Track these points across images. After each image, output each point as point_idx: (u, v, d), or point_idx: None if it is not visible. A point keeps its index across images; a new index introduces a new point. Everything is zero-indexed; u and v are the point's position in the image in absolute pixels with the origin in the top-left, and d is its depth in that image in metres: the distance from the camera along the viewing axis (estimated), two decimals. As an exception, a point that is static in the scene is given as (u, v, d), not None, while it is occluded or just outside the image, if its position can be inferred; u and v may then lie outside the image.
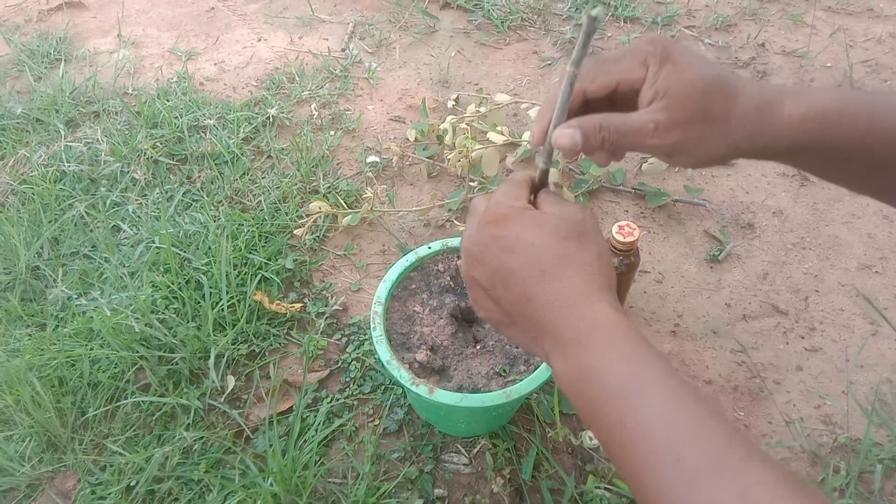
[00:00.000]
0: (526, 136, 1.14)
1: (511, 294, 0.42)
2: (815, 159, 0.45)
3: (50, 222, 1.09)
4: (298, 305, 0.96)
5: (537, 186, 0.47)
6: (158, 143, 1.23)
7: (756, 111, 0.42)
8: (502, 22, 1.56)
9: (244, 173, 1.19)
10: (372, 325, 0.69)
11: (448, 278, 0.75)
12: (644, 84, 0.43)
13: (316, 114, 1.33)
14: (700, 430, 0.34)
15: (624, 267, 0.83)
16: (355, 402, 0.86)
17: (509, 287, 0.42)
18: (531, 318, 0.41)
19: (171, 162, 1.21)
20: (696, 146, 0.43)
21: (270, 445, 0.75)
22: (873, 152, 0.43)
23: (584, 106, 0.45)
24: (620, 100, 0.45)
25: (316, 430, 0.81)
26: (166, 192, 1.15)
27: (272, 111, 1.30)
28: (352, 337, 0.93)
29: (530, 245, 0.41)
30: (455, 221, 1.08)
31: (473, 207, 0.46)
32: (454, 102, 1.31)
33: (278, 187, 1.14)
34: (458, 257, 0.67)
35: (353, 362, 0.90)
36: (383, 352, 0.66)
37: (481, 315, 0.46)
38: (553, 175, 1.05)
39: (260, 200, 1.12)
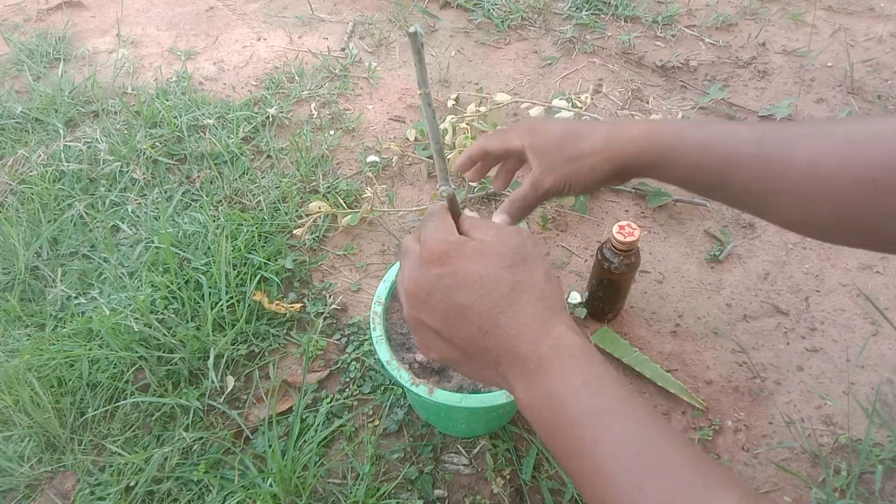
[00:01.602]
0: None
1: (466, 331, 0.41)
2: (672, 173, 0.54)
3: (49, 222, 1.09)
4: (298, 305, 0.96)
5: (455, 213, 0.46)
6: (158, 143, 1.23)
7: (605, 140, 0.56)
8: (502, 21, 1.55)
9: (244, 173, 1.18)
10: (372, 326, 0.69)
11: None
12: (524, 152, 0.59)
13: (315, 113, 1.33)
14: (662, 458, 0.34)
15: (624, 267, 0.82)
16: (355, 403, 0.86)
17: (463, 324, 0.41)
18: (490, 351, 0.41)
19: (171, 161, 1.21)
20: (573, 179, 0.57)
21: (270, 446, 0.74)
22: (709, 173, 0.52)
23: (494, 158, 0.63)
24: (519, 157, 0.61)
25: (315, 431, 0.80)
26: (165, 192, 1.15)
27: (272, 111, 1.30)
28: (351, 337, 0.93)
29: (479, 278, 0.40)
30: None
31: (405, 249, 0.45)
32: (454, 102, 1.31)
33: (278, 187, 1.14)
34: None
35: (353, 362, 0.90)
36: (383, 352, 0.66)
37: (432, 357, 0.44)
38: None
39: (259, 200, 1.12)
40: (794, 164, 0.47)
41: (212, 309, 0.90)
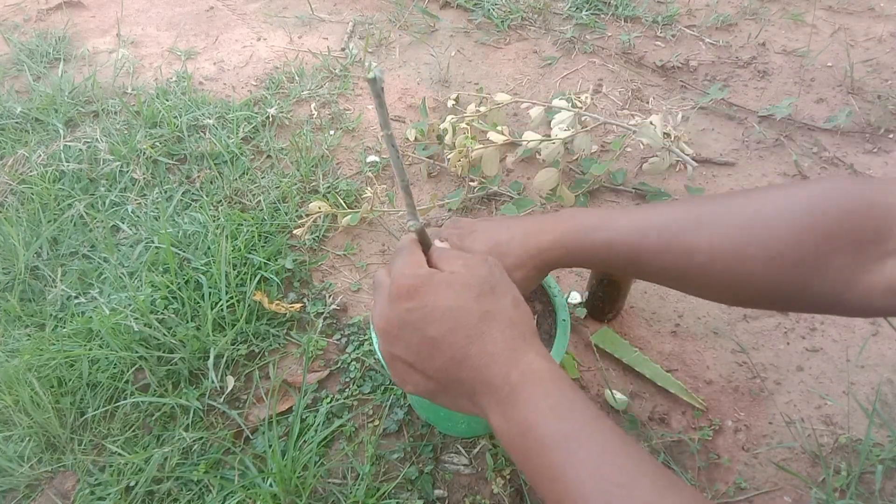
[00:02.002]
0: (526, 136, 1.13)
1: (438, 363, 0.42)
2: (592, 267, 0.60)
3: (49, 222, 1.09)
4: (298, 305, 0.96)
5: (425, 246, 0.46)
6: (157, 143, 1.23)
7: (523, 253, 0.56)
8: (502, 21, 1.55)
9: (243, 173, 1.18)
10: (371, 327, 0.69)
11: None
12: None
13: (315, 113, 1.33)
14: (628, 479, 0.35)
15: (624, 267, 0.82)
16: (355, 403, 0.86)
17: (435, 356, 0.42)
18: (464, 381, 0.41)
19: (171, 161, 1.21)
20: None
21: (270, 446, 0.74)
22: (623, 266, 0.54)
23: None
24: None
25: (315, 431, 0.80)
26: (165, 192, 1.15)
27: (272, 111, 1.30)
28: (351, 337, 0.93)
29: (448, 310, 0.41)
30: (455, 221, 1.08)
31: (377, 284, 0.46)
32: (454, 102, 1.31)
33: (278, 187, 1.14)
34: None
35: (353, 363, 0.90)
36: None
37: (409, 390, 0.45)
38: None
39: (259, 200, 1.12)
40: (698, 252, 0.49)
41: (212, 309, 0.90)
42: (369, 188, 1.07)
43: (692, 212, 0.51)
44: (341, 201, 1.11)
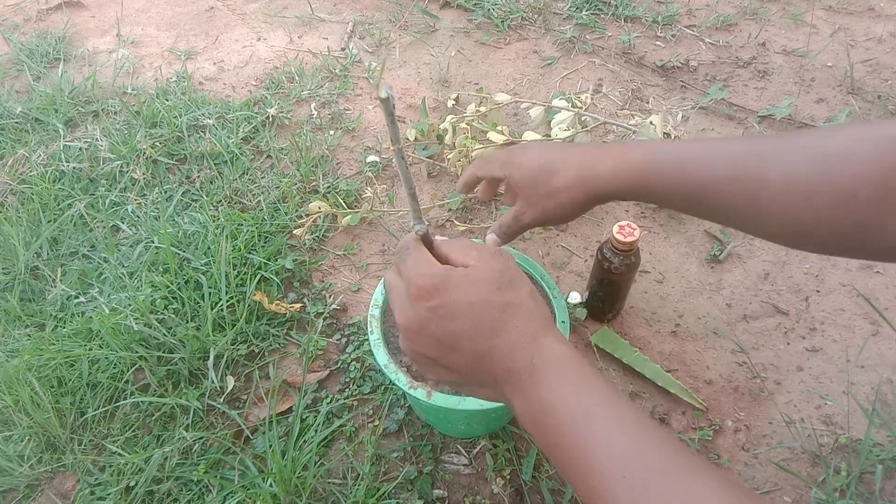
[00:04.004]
0: (526, 136, 1.13)
1: (462, 357, 0.43)
2: (650, 199, 0.56)
3: (49, 222, 1.09)
4: (298, 306, 0.96)
5: (428, 244, 0.47)
6: (157, 143, 1.23)
7: (577, 175, 0.58)
8: (502, 21, 1.55)
9: (243, 173, 1.18)
10: (369, 329, 0.69)
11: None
12: (504, 184, 0.64)
13: (315, 113, 1.33)
14: (643, 447, 0.37)
15: (624, 267, 0.82)
16: (355, 403, 0.86)
17: (459, 351, 0.43)
18: (488, 371, 0.43)
19: (171, 161, 1.21)
20: (550, 214, 0.60)
21: (270, 446, 0.74)
22: (687, 196, 0.52)
23: (489, 183, 0.68)
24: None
25: (315, 431, 0.80)
26: (165, 192, 1.15)
27: (272, 111, 1.30)
28: (351, 337, 0.93)
29: (470, 305, 0.42)
30: (455, 221, 1.08)
31: (390, 286, 0.46)
32: (454, 102, 1.30)
33: (278, 187, 1.14)
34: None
35: (353, 363, 0.90)
36: (381, 356, 0.66)
37: (432, 379, 0.48)
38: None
39: (259, 200, 1.12)
40: (770, 182, 0.48)
41: (212, 309, 0.90)
42: (369, 188, 1.07)
43: (761, 144, 0.50)
44: (341, 201, 1.11)
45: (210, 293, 0.92)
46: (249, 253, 1.00)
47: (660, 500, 0.35)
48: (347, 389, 0.87)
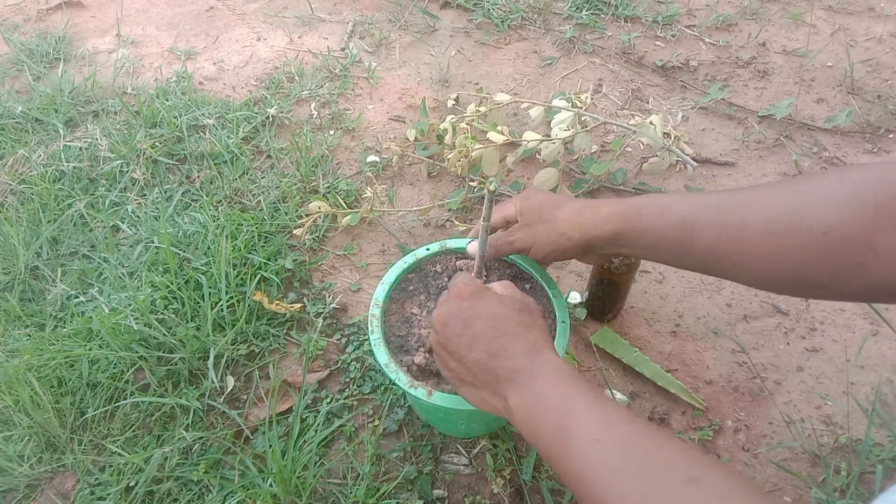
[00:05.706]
0: (526, 136, 1.13)
1: (475, 354, 0.52)
2: (637, 243, 0.60)
3: (49, 222, 1.09)
4: (298, 305, 0.96)
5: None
6: (157, 143, 1.23)
7: (578, 211, 0.64)
8: (502, 21, 1.55)
9: (243, 173, 1.18)
10: (370, 329, 0.69)
11: (446, 279, 0.75)
12: (516, 214, 0.70)
13: (315, 113, 1.33)
14: (616, 421, 0.44)
15: (624, 267, 0.82)
16: (355, 403, 0.86)
17: (474, 348, 0.52)
18: (493, 371, 0.51)
19: (171, 161, 1.21)
20: (541, 238, 0.65)
21: (270, 446, 0.74)
22: (672, 240, 0.57)
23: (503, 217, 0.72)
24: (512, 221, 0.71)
25: (315, 431, 0.80)
26: (165, 192, 1.15)
27: (272, 111, 1.30)
28: (351, 337, 0.93)
29: (493, 314, 0.53)
30: (455, 221, 1.08)
31: (440, 299, 0.59)
32: (454, 102, 1.30)
33: (278, 187, 1.14)
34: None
35: (353, 362, 0.90)
36: (381, 355, 0.66)
37: (446, 374, 0.57)
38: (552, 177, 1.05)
39: (259, 200, 1.12)
40: (750, 226, 0.51)
41: (212, 309, 0.90)
42: (369, 188, 1.07)
43: (744, 192, 0.54)
44: (341, 201, 1.11)
45: (210, 293, 0.92)
46: (249, 253, 1.00)
47: (630, 458, 0.40)
48: (347, 389, 0.87)
